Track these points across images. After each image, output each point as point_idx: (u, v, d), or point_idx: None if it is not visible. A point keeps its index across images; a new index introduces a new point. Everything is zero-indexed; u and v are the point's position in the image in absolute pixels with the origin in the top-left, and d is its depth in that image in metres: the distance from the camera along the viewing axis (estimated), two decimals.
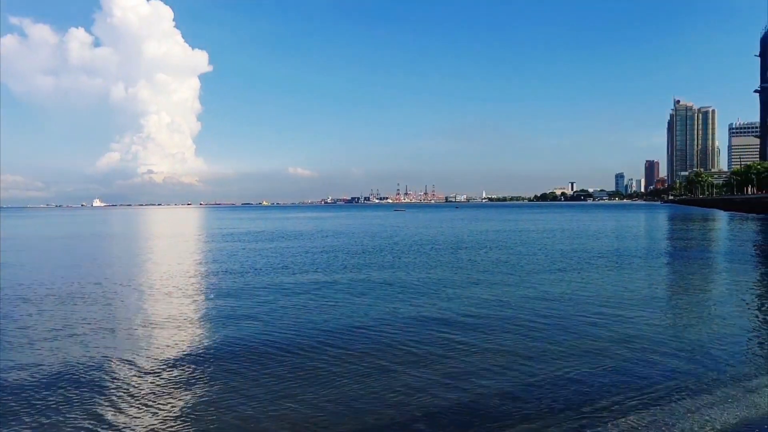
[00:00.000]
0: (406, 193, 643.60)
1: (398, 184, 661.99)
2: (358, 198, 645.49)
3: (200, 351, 11.49)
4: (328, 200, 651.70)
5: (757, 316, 14.85)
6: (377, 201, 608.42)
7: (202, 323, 14.19)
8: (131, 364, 10.58)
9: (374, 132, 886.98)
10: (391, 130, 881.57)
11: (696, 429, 7.28)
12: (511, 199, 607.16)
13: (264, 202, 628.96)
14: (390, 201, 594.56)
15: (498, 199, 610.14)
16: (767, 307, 16.35)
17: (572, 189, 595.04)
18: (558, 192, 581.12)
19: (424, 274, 23.51)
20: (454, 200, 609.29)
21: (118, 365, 10.56)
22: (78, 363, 10.72)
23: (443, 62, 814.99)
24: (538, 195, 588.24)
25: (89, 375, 10.00)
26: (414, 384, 9.22)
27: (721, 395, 8.43)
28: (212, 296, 18.24)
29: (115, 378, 9.79)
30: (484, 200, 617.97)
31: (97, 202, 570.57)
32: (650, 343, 11.64)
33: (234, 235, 55.83)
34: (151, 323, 14.17)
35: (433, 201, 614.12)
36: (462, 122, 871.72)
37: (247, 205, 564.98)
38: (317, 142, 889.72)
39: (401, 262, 27.93)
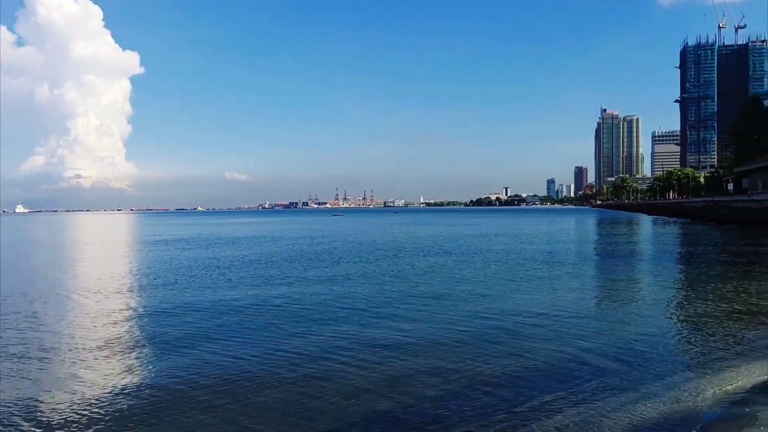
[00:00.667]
0: (345, 198, 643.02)
1: (337, 189, 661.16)
2: (297, 203, 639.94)
3: (127, 382, 10.42)
4: (266, 205, 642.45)
5: (677, 315, 15.60)
6: (316, 206, 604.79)
7: (130, 348, 12.86)
8: (44, 403, 9.36)
9: (313, 136, 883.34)
10: (330, 134, 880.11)
11: (621, 426, 7.51)
12: (448, 204, 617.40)
13: (199, 208, 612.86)
14: (329, 206, 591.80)
15: (435, 204, 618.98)
16: (685, 305, 17.20)
17: (506, 194, 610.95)
18: (493, 197, 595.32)
19: (362, 280, 23.48)
20: (392, 205, 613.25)
21: (30, 405, 9.36)
22: None
23: (383, 66, 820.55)
24: (474, 200, 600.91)
25: None
26: (349, 390, 9.12)
27: (644, 392, 8.74)
28: (140, 315, 17.18)
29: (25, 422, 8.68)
30: (421, 205, 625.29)
31: (19, 209, 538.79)
32: (580, 343, 11.98)
33: (167, 242, 54.07)
34: (71, 349, 12.82)
35: (371, 206, 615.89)
36: (401, 127, 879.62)
37: (181, 211, 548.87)
38: (255, 147, 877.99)
39: (340, 269, 27.80)
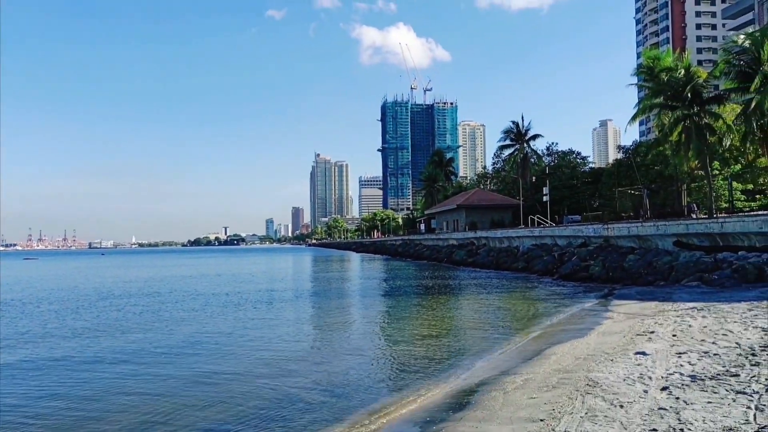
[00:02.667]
0: (40, 239, 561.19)
1: (30, 230, 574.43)
2: None
3: None
4: None
5: (380, 343, 17.15)
6: (2, 248, 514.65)
7: None
8: None
9: None
10: (19, 166, 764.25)
11: None
12: (164, 244, 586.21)
13: None
14: (20, 248, 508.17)
15: (150, 245, 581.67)
16: (387, 333, 19.03)
17: (226, 234, 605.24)
18: (212, 237, 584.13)
19: (57, 330, 20.52)
20: (99, 246, 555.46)
21: None
22: None
23: (91, 93, 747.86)
24: (192, 240, 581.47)
25: None
26: None
27: (349, 421, 9.36)
28: None
29: None
30: (134, 246, 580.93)
31: None
32: (294, 379, 12.32)
33: None
34: None
35: (74, 248, 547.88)
36: (109, 163, 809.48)
37: None
38: None
39: (25, 319, 23.89)
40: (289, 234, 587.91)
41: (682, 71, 42.36)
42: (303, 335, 19.07)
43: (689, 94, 40.59)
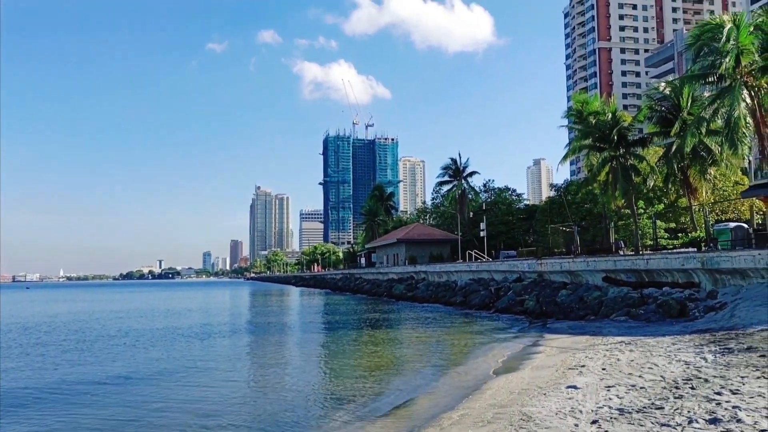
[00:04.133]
0: None
1: None
2: None
3: None
4: None
5: (319, 380, 16.92)
6: None
7: None
8: None
9: None
10: None
11: None
12: (94, 277, 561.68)
13: None
14: None
15: (79, 278, 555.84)
16: (326, 370, 18.83)
17: (160, 267, 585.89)
18: (145, 270, 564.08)
19: None
20: (24, 280, 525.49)
21: None
22: None
23: (11, 114, 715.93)
24: (124, 273, 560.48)
25: None
26: None
27: None
28: None
29: None
30: (62, 279, 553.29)
31: None
32: (228, 417, 11.98)
33: None
34: None
35: None
36: (33, 192, 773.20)
37: None
38: None
39: None
40: (227, 267, 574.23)
41: (609, 115, 44.68)
42: (237, 372, 18.58)
43: (615, 137, 42.78)
